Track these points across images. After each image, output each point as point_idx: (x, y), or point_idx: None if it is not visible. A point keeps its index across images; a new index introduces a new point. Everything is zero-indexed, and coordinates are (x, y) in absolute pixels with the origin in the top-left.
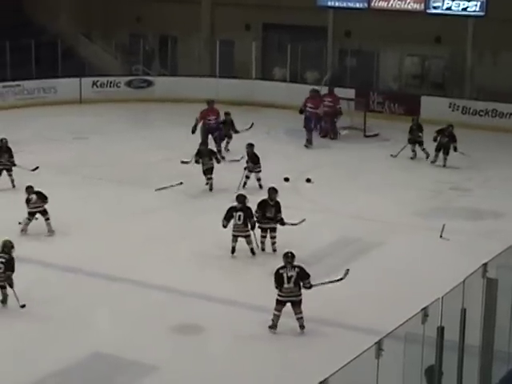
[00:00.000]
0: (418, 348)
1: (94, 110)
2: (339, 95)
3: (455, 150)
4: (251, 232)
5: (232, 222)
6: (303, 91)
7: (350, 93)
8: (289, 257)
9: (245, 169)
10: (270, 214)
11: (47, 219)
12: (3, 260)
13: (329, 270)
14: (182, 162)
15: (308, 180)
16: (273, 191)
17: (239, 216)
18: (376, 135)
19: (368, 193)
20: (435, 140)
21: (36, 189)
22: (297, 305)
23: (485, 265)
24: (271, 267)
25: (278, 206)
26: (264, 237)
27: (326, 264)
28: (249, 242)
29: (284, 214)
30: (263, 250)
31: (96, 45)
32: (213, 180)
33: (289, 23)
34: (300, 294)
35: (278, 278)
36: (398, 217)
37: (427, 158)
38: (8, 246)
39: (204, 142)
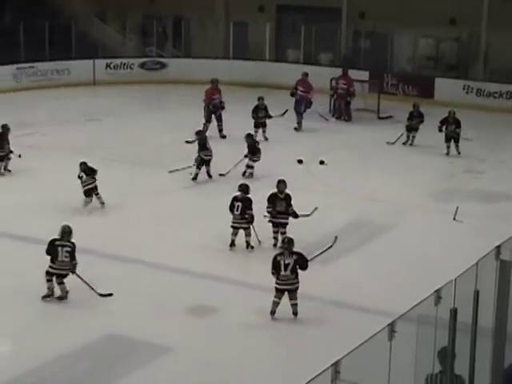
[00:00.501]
0: (431, 330)
1: (108, 92)
2: (353, 77)
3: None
4: (250, 225)
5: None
6: (317, 73)
7: (364, 75)
8: (285, 242)
9: (245, 156)
10: (280, 207)
11: (97, 194)
12: (69, 249)
13: (342, 252)
14: (187, 142)
15: (321, 162)
16: (282, 184)
17: (237, 206)
18: (390, 117)
19: (381, 175)
20: (440, 130)
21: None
22: (293, 292)
23: (498, 247)
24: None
25: (288, 199)
26: (276, 232)
27: (339, 246)
28: (246, 235)
29: (298, 197)
30: (275, 245)
31: (109, 26)
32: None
33: (303, 4)
34: (296, 282)
35: (276, 265)
36: (411, 199)
37: (405, 143)
38: (67, 232)
39: (208, 121)
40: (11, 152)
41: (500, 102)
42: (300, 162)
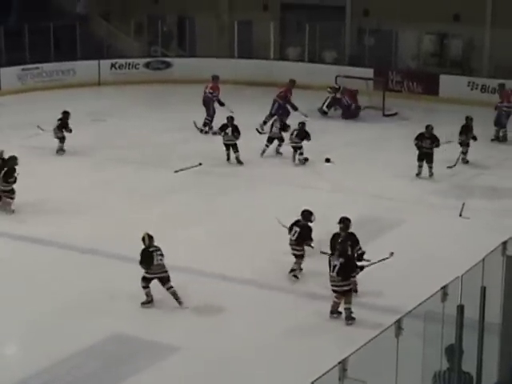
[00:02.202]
0: (438, 326)
1: (113, 92)
2: (358, 75)
3: (438, 146)
4: (301, 257)
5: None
6: (321, 71)
7: (369, 72)
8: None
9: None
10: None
11: (236, 151)
12: (160, 252)
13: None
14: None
15: (327, 160)
16: (346, 221)
17: (295, 232)
18: (395, 114)
19: (387, 172)
20: (417, 147)
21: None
22: (340, 295)
23: (504, 243)
24: (285, 249)
25: (353, 240)
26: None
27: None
28: (296, 263)
29: (303, 194)
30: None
31: (114, 27)
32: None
33: (307, 3)
34: (344, 285)
35: (329, 264)
36: (417, 195)
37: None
38: (152, 238)
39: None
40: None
41: None
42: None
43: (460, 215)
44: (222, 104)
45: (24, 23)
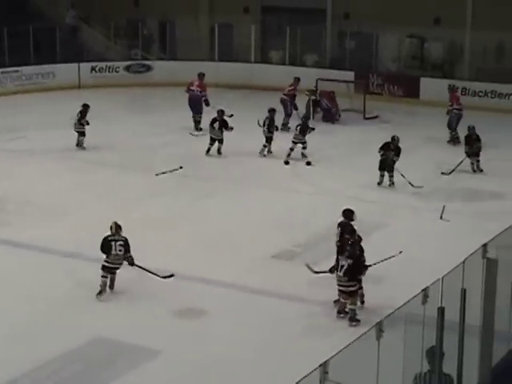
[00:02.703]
0: (419, 329)
1: (93, 96)
2: (339, 78)
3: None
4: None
5: None
6: (302, 74)
7: (350, 75)
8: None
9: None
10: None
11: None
12: (122, 243)
13: (330, 253)
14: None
15: (308, 163)
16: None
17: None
18: (376, 117)
19: (368, 175)
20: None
21: None
22: (346, 295)
23: (485, 245)
24: (272, 251)
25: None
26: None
27: (326, 246)
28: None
29: (284, 198)
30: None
31: (94, 30)
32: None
33: (287, 6)
34: (350, 286)
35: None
36: (398, 198)
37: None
38: (118, 227)
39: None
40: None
41: (485, 100)
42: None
43: (441, 218)
44: (208, 104)
45: (3, 26)
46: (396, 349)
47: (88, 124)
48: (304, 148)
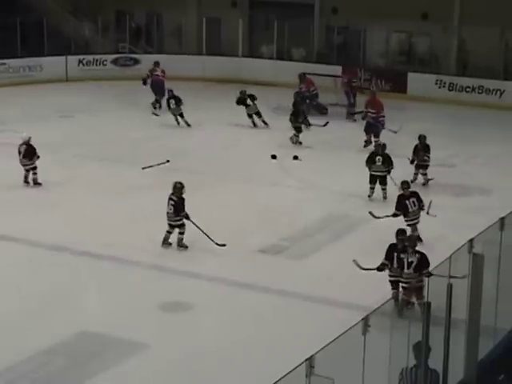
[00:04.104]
0: (405, 324)
1: (80, 89)
2: (326, 72)
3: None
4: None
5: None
6: (290, 68)
7: (337, 70)
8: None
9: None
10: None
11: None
12: (173, 203)
13: (316, 247)
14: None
15: (295, 157)
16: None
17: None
18: (362, 112)
19: (355, 170)
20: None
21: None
22: (410, 292)
23: (471, 240)
24: (259, 245)
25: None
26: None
27: (314, 240)
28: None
29: (271, 192)
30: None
31: (82, 23)
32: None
33: (275, 0)
34: (419, 281)
35: (398, 261)
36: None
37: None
38: (178, 188)
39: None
40: None
41: (472, 96)
42: (274, 157)
43: (427, 213)
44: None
45: None
46: (382, 343)
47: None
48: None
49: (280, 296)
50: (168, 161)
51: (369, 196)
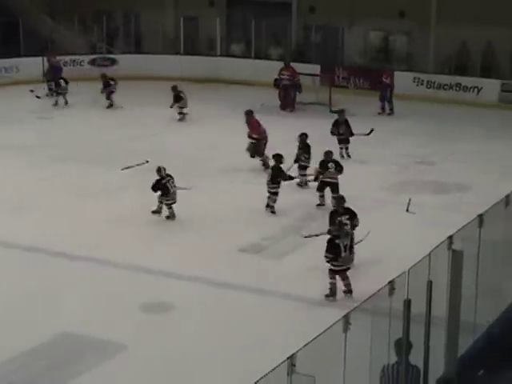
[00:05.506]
0: (386, 321)
1: None
2: (304, 71)
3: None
4: None
5: None
6: (267, 67)
7: (316, 68)
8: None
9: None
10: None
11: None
12: (172, 180)
13: (296, 246)
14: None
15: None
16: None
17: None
18: (342, 110)
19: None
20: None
21: None
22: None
23: (450, 237)
24: (240, 244)
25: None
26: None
27: (294, 239)
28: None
29: (251, 190)
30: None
31: (59, 23)
32: None
33: None
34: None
35: (336, 249)
36: (364, 191)
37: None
38: (164, 169)
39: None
40: None
41: (450, 93)
42: (252, 156)
43: (407, 210)
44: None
45: None
46: (363, 341)
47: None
48: None
49: (260, 295)
50: (147, 161)
51: (317, 205)
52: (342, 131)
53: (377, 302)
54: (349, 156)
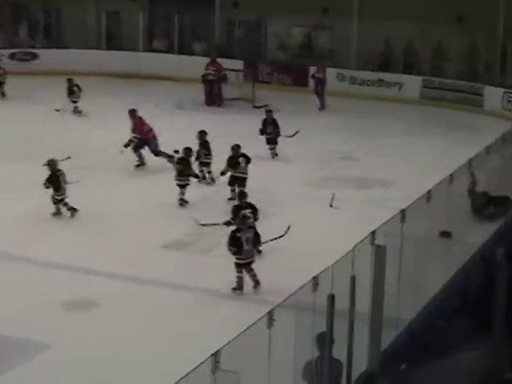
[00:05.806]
0: (310, 316)
1: None
2: (228, 66)
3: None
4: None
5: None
6: (191, 62)
7: (239, 64)
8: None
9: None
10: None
11: None
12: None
13: (221, 242)
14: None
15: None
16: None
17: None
18: (265, 106)
19: (257, 165)
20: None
21: None
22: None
23: (373, 232)
24: (163, 241)
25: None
26: None
27: (217, 234)
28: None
29: (164, 186)
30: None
31: None
32: None
33: None
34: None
35: (237, 241)
36: (288, 187)
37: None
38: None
39: None
40: None
41: (372, 89)
42: (176, 152)
43: (330, 206)
44: None
45: None
46: (287, 337)
47: None
48: None
49: (184, 291)
50: (69, 157)
51: (229, 199)
52: (270, 131)
53: (301, 298)
54: (276, 154)
